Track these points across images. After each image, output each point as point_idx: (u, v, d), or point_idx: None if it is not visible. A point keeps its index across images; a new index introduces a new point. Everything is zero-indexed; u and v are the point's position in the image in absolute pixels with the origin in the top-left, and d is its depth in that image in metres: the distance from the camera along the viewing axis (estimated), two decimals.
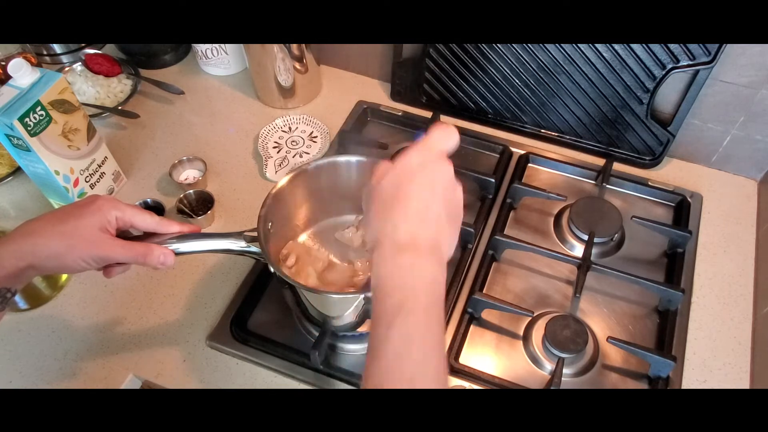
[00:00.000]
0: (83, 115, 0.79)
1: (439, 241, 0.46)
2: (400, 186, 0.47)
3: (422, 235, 0.46)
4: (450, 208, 0.48)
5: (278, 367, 0.71)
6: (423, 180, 0.47)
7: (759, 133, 0.85)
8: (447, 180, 0.49)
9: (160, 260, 0.58)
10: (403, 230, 0.45)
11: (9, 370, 0.72)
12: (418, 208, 0.46)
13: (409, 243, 0.45)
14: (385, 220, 0.47)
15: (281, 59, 0.94)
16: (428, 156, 0.49)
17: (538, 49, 0.86)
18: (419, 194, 0.47)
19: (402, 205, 0.46)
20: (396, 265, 0.45)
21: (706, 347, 0.74)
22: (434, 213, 0.47)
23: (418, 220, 0.46)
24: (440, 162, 0.49)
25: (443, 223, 0.47)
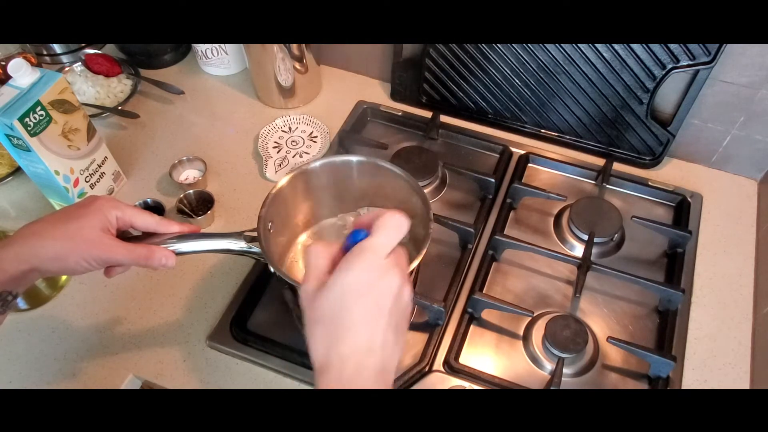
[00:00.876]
0: (83, 115, 0.79)
1: (386, 365, 0.45)
2: (345, 309, 0.44)
3: (369, 365, 0.44)
4: (398, 318, 0.46)
5: (278, 367, 0.71)
6: (369, 303, 0.44)
7: (759, 133, 0.85)
8: (394, 295, 0.45)
9: (161, 262, 0.58)
10: (350, 362, 0.44)
11: (9, 370, 0.72)
12: (366, 337, 0.44)
13: (354, 376, 0.43)
14: (329, 347, 0.44)
15: (281, 59, 0.94)
16: (375, 269, 0.45)
17: (538, 49, 0.86)
18: (365, 321, 0.44)
19: (348, 333, 0.44)
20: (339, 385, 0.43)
21: (706, 347, 0.74)
22: (381, 339, 0.44)
23: (365, 352, 0.44)
24: (388, 275, 0.45)
25: (390, 345, 0.45)
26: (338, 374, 0.43)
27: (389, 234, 0.46)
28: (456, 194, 0.90)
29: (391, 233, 0.46)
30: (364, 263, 0.44)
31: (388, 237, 0.45)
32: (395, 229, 0.46)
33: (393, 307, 0.45)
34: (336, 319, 0.44)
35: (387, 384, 0.45)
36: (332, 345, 0.44)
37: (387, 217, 0.46)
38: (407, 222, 0.46)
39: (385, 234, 0.45)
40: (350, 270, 0.44)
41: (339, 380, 0.43)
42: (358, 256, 0.45)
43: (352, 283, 0.44)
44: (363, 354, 0.44)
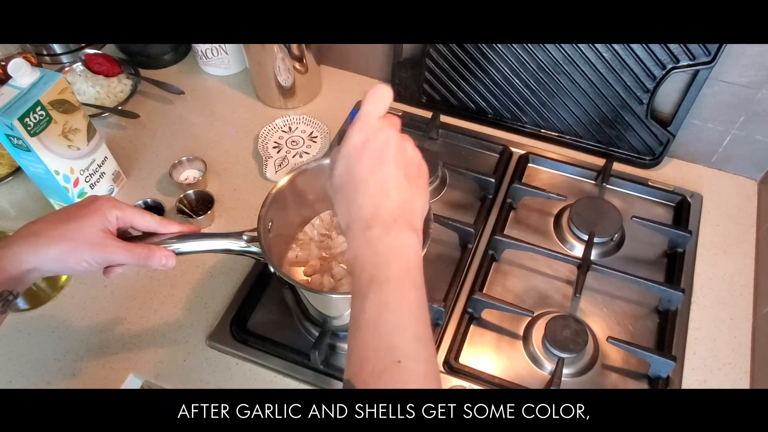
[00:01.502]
0: (83, 115, 0.79)
1: (405, 207, 0.47)
2: (351, 171, 0.47)
3: (387, 206, 0.46)
4: (408, 170, 0.48)
5: (278, 367, 0.71)
6: (371, 157, 0.47)
7: (759, 133, 0.85)
8: (394, 145, 0.48)
9: (161, 262, 0.58)
10: (367, 209, 0.46)
11: (9, 370, 0.72)
12: (376, 184, 0.47)
13: (375, 218, 0.46)
14: (348, 205, 0.47)
15: (281, 59, 0.94)
16: (368, 128, 0.48)
17: (538, 49, 0.86)
18: (372, 171, 0.47)
19: (360, 187, 0.47)
20: (365, 240, 0.45)
21: (706, 347, 0.74)
22: (392, 182, 0.47)
23: (380, 195, 0.46)
24: (382, 131, 0.48)
25: (405, 188, 0.47)
26: (360, 221, 0.46)
27: (375, 101, 0.49)
28: (456, 194, 0.90)
29: (377, 100, 0.49)
30: (357, 128, 0.48)
31: (374, 104, 0.49)
32: (380, 97, 0.49)
33: (397, 157, 0.48)
34: (348, 183, 0.47)
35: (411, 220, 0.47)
36: (350, 203, 0.47)
37: (372, 90, 0.50)
38: (390, 90, 0.49)
39: (372, 102, 0.49)
40: (347, 139, 0.48)
41: (362, 224, 0.46)
42: (351, 126, 0.49)
43: (350, 147, 0.47)
44: (378, 199, 0.46)
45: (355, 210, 0.47)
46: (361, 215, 0.46)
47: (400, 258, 0.45)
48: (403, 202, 0.47)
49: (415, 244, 0.46)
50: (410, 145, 0.50)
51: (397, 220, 0.46)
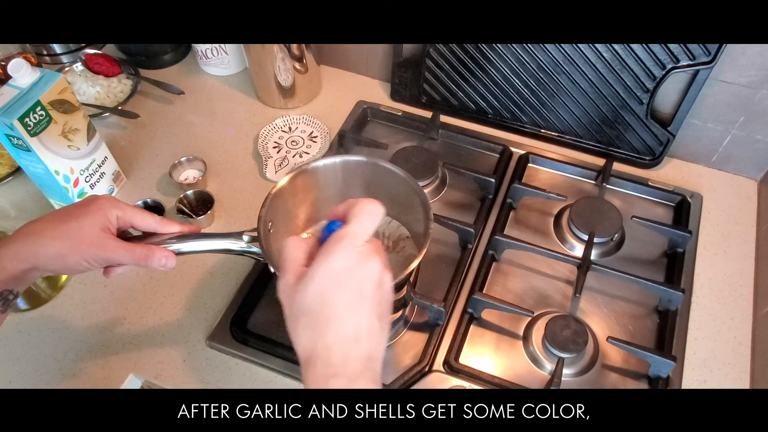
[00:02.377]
0: (83, 115, 0.79)
1: (373, 355, 0.44)
2: (327, 300, 0.43)
3: (356, 356, 0.43)
4: (381, 308, 0.45)
5: (278, 367, 0.71)
6: (351, 290, 0.43)
7: (759, 133, 0.85)
8: (375, 280, 0.45)
9: (161, 262, 0.58)
10: (336, 354, 0.43)
11: (9, 371, 0.72)
12: (351, 325, 0.43)
13: (343, 367, 0.43)
14: (314, 339, 0.43)
15: (281, 59, 0.94)
16: (354, 254, 0.44)
17: (538, 49, 0.86)
18: (349, 309, 0.43)
19: (333, 323, 0.43)
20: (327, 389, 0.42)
21: (706, 347, 0.74)
22: (366, 326, 0.44)
23: (352, 340, 0.43)
24: (367, 261, 0.44)
25: (376, 332, 0.45)
26: (324, 365, 0.43)
27: (365, 221, 0.45)
28: (456, 194, 0.90)
29: (367, 220, 0.45)
30: (342, 251, 0.44)
31: (364, 224, 0.45)
32: (371, 216, 0.45)
33: (376, 294, 0.44)
34: (319, 310, 0.43)
35: (375, 372, 0.44)
36: (317, 336, 0.43)
37: (362, 205, 0.46)
38: (382, 209, 0.46)
39: (361, 222, 0.45)
40: (329, 259, 0.43)
41: (326, 371, 0.43)
42: (335, 245, 0.44)
43: (332, 271, 0.43)
44: (350, 343, 0.43)
45: (321, 348, 0.43)
46: (327, 359, 0.43)
47: None
48: (371, 350, 0.44)
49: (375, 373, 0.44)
50: (388, 277, 0.46)
51: (363, 373, 0.43)
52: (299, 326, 0.44)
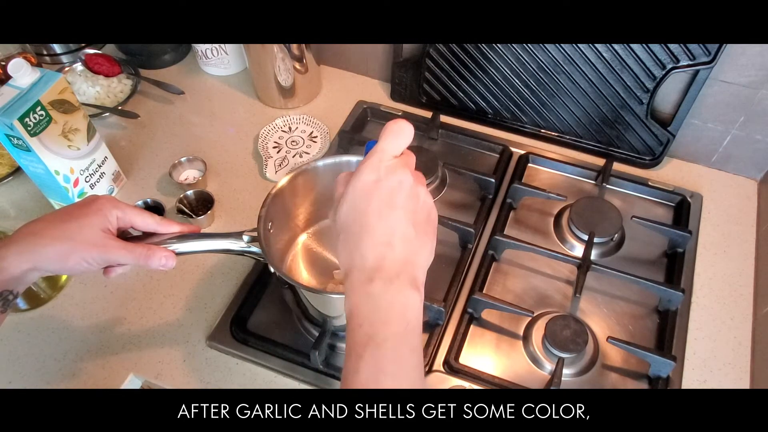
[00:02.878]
0: (83, 115, 0.79)
1: (410, 260, 0.44)
2: (360, 211, 0.45)
3: (391, 259, 0.44)
4: (418, 217, 0.46)
5: (278, 367, 0.71)
6: (381, 200, 0.44)
7: (759, 133, 0.85)
8: (407, 191, 0.45)
9: (161, 262, 0.58)
10: (370, 258, 0.44)
11: (9, 370, 0.72)
12: (383, 232, 0.44)
13: (377, 270, 0.43)
14: (351, 250, 0.45)
15: (281, 59, 0.94)
16: (381, 168, 0.45)
17: (538, 49, 0.86)
18: (380, 217, 0.44)
19: (366, 232, 0.44)
20: (366, 294, 0.43)
21: (706, 347, 0.74)
22: (400, 233, 0.44)
23: (385, 245, 0.44)
24: (395, 173, 0.45)
25: (412, 239, 0.45)
26: (360, 271, 0.44)
27: (395, 137, 0.46)
28: (456, 194, 0.90)
29: (396, 138, 0.46)
30: (369, 166, 0.45)
31: (393, 140, 0.46)
32: (399, 134, 0.46)
33: (408, 203, 0.45)
34: (352, 223, 0.45)
35: (414, 276, 0.44)
36: (353, 248, 0.45)
37: (390, 124, 0.47)
38: (410, 127, 0.46)
39: (389, 137, 0.46)
40: (358, 173, 0.45)
41: (362, 276, 0.43)
42: (365, 162, 0.46)
43: (361, 184, 0.45)
44: (382, 247, 0.44)
45: (357, 257, 0.44)
46: (363, 264, 0.44)
47: (399, 318, 0.43)
48: (408, 255, 0.44)
49: (416, 303, 0.44)
50: (423, 190, 0.47)
51: (399, 276, 0.43)
52: (339, 244, 0.46)
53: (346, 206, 0.45)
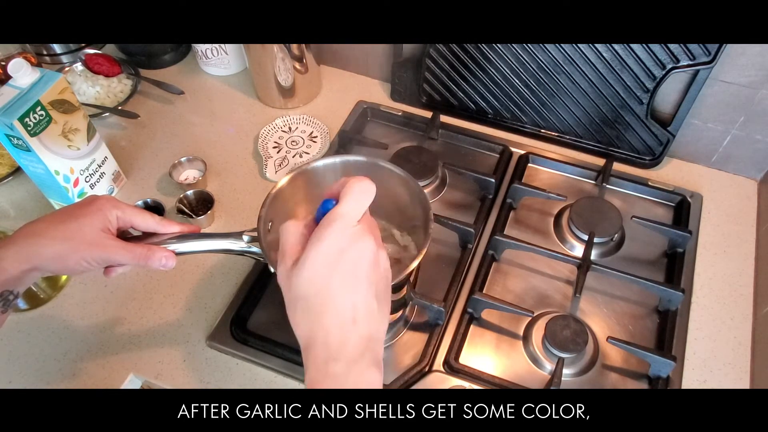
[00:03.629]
0: (83, 115, 0.80)
1: (372, 336, 0.44)
2: (321, 284, 0.43)
3: (355, 338, 0.43)
4: (379, 287, 0.45)
5: (278, 367, 0.71)
6: (345, 272, 0.43)
7: (759, 133, 0.85)
8: (370, 260, 0.44)
9: (161, 262, 0.58)
10: (334, 336, 0.43)
11: (9, 370, 0.72)
12: (348, 308, 0.43)
13: (340, 350, 0.42)
14: (312, 323, 0.43)
15: (281, 59, 0.94)
16: (345, 235, 0.43)
17: (538, 49, 0.86)
18: (346, 291, 0.43)
19: (329, 307, 0.43)
20: (329, 376, 0.42)
21: (706, 347, 0.74)
22: (364, 308, 0.44)
23: (350, 322, 0.43)
24: (359, 240, 0.44)
25: (374, 313, 0.44)
26: (323, 349, 0.43)
27: (356, 200, 0.44)
28: (456, 194, 0.90)
29: (359, 198, 0.44)
30: (333, 233, 0.43)
31: (355, 203, 0.44)
32: (362, 194, 0.45)
33: (371, 273, 0.44)
34: (314, 295, 0.43)
35: (376, 353, 0.44)
36: (314, 321, 0.43)
37: (352, 183, 0.45)
38: (372, 186, 0.45)
39: (352, 200, 0.44)
40: (321, 240, 0.43)
41: (325, 355, 0.43)
42: (327, 226, 0.43)
43: (324, 255, 0.43)
44: (347, 325, 0.43)
45: (320, 333, 0.43)
46: (326, 342, 0.43)
47: None
48: (371, 331, 0.44)
49: (378, 383, 0.43)
50: (383, 255, 0.46)
51: (363, 355, 0.43)
52: (297, 312, 0.44)
53: (307, 274, 0.43)
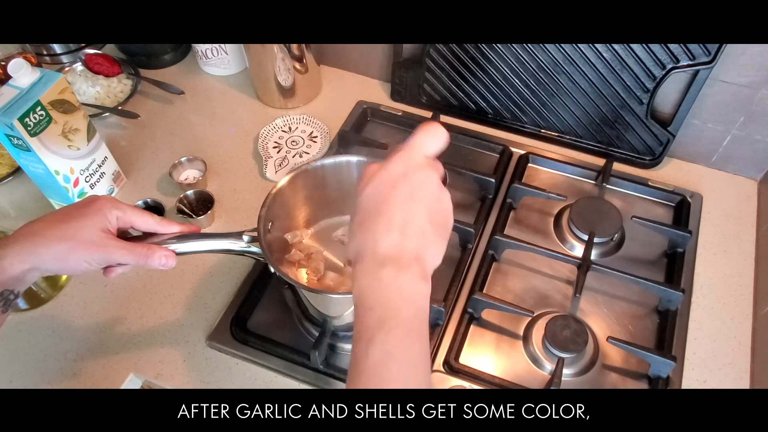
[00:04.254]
0: (83, 115, 0.80)
1: (421, 254, 0.45)
2: (382, 197, 0.45)
3: (404, 248, 0.44)
4: (435, 217, 0.47)
5: (278, 367, 0.71)
6: (405, 191, 0.45)
7: (759, 133, 0.85)
8: (431, 189, 0.46)
9: (161, 262, 0.58)
10: (384, 244, 0.44)
11: (9, 370, 0.72)
12: (400, 220, 0.45)
13: (390, 257, 0.44)
14: (366, 232, 0.45)
15: (281, 59, 0.94)
16: (411, 163, 0.46)
17: (538, 49, 0.86)
18: (401, 206, 0.45)
19: (384, 217, 0.45)
20: (377, 279, 0.44)
21: (706, 347, 0.74)
22: (417, 226, 0.45)
23: (400, 234, 0.44)
24: (424, 170, 0.46)
25: (427, 235, 0.46)
26: (373, 256, 0.44)
27: (429, 137, 0.47)
28: (456, 194, 0.90)
29: (430, 139, 0.47)
30: (400, 158, 0.46)
31: (427, 140, 0.47)
32: (434, 137, 0.47)
33: (430, 200, 0.46)
34: (372, 207, 0.46)
35: (425, 270, 0.45)
36: (368, 231, 0.45)
37: (429, 126, 0.48)
38: (446, 133, 0.47)
39: (425, 136, 0.47)
40: (388, 164, 0.46)
41: (374, 260, 0.44)
42: (396, 153, 0.47)
43: (388, 173, 0.46)
44: (397, 235, 0.44)
45: (370, 240, 0.45)
46: (375, 249, 0.44)
47: (410, 305, 0.43)
48: (420, 249, 0.45)
49: (425, 293, 0.45)
50: (447, 196, 0.48)
51: (411, 266, 0.44)
52: (353, 225, 0.47)
53: (370, 190, 0.46)
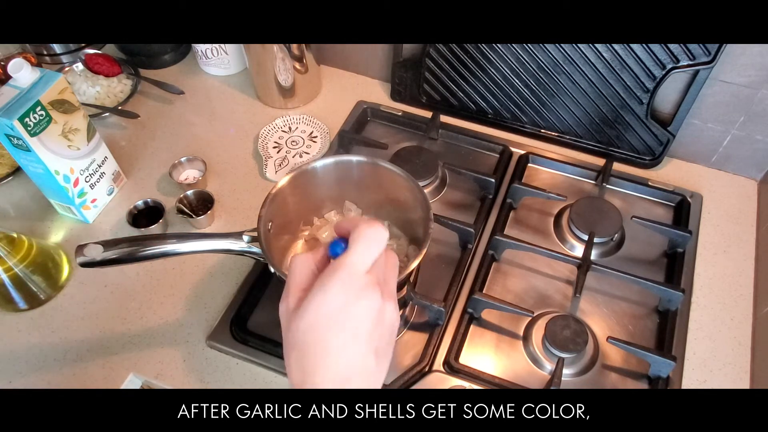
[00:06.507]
0: (83, 115, 0.80)
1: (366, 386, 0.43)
2: (319, 337, 0.41)
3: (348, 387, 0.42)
4: (380, 343, 0.43)
5: (278, 367, 0.71)
6: (345, 331, 0.41)
7: (759, 133, 0.85)
8: (373, 318, 0.42)
9: None
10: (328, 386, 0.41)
11: (9, 370, 0.72)
12: (343, 366, 0.41)
13: None
14: (305, 373, 0.41)
15: (281, 59, 0.94)
16: (352, 290, 0.41)
17: (538, 49, 0.86)
18: (341, 350, 0.41)
19: (324, 362, 0.41)
20: None
21: (706, 347, 0.74)
22: (360, 367, 0.42)
23: (343, 379, 0.41)
24: (365, 295, 0.41)
25: (371, 372, 0.42)
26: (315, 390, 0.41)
27: (366, 248, 0.42)
28: (456, 194, 0.90)
29: (369, 247, 0.42)
30: (338, 284, 0.41)
31: (365, 252, 0.42)
32: (373, 243, 0.42)
33: (373, 331, 0.42)
34: (309, 347, 0.41)
35: None
36: (307, 374, 0.41)
37: (363, 229, 0.42)
38: (385, 234, 0.43)
39: (362, 248, 0.42)
40: (325, 293, 0.41)
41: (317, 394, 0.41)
42: (332, 276, 0.41)
43: (326, 307, 0.41)
44: (339, 382, 0.41)
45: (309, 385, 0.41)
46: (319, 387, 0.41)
47: None
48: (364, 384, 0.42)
49: None
50: (390, 306, 0.43)
51: None
52: (291, 358, 0.43)
53: (305, 325, 0.41)
